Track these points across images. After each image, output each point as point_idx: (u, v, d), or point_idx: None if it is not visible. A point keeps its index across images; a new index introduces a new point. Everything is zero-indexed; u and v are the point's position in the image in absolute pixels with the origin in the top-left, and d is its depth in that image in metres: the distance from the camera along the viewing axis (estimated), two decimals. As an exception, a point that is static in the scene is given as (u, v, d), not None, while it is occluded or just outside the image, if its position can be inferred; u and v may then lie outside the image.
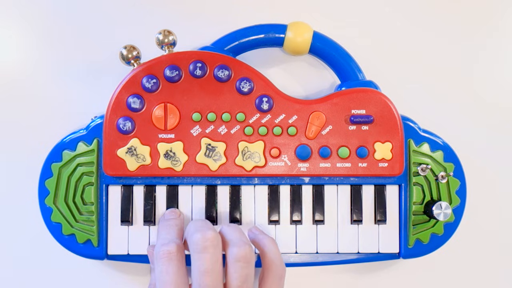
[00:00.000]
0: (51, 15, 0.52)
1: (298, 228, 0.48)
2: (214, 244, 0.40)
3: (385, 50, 0.54)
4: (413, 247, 0.48)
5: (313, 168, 0.47)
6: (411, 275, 0.53)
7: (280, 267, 0.44)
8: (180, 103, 0.46)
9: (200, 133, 0.46)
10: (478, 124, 0.54)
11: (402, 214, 0.48)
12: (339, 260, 0.48)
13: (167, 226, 0.45)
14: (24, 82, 0.52)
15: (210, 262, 0.40)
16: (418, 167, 0.48)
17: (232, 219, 0.47)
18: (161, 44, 0.45)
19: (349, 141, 0.47)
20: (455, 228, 0.49)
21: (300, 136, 0.47)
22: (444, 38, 0.54)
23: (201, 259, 0.40)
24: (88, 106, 0.51)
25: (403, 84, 0.53)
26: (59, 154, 0.47)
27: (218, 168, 0.46)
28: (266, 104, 0.46)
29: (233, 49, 0.48)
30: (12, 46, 0.53)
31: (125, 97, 0.46)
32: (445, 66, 0.54)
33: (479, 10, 0.54)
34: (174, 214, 0.47)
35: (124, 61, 0.45)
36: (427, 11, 0.54)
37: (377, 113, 0.47)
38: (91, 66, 0.52)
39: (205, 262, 0.40)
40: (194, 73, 0.46)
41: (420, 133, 0.48)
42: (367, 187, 0.48)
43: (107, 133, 0.45)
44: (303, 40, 0.48)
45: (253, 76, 0.46)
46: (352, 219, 0.48)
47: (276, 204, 0.48)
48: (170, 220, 0.45)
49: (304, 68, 0.53)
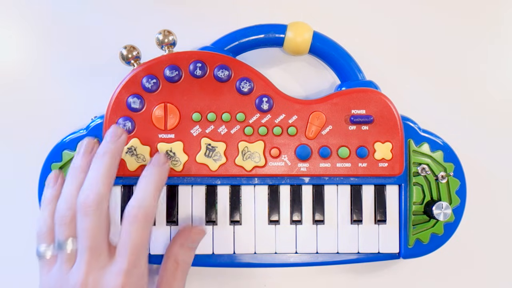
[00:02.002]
0: (51, 15, 0.52)
1: (298, 228, 0.48)
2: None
3: (385, 50, 0.54)
4: (413, 247, 0.48)
5: (313, 168, 0.47)
6: (411, 275, 0.53)
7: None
8: (180, 103, 0.46)
9: (200, 133, 0.46)
10: (478, 124, 0.54)
11: (402, 214, 0.48)
12: (339, 260, 0.48)
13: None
14: (24, 82, 0.52)
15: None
16: (418, 167, 0.48)
17: (232, 219, 0.47)
18: (161, 44, 0.45)
19: (349, 141, 0.47)
20: (455, 228, 0.49)
21: (300, 136, 0.47)
22: (444, 38, 0.54)
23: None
24: (88, 106, 0.51)
25: (403, 84, 0.54)
26: (59, 154, 0.47)
27: (218, 168, 0.46)
28: (266, 104, 0.46)
29: (233, 49, 0.48)
30: (12, 46, 0.53)
31: (125, 97, 0.46)
32: (445, 66, 0.54)
33: (479, 10, 0.54)
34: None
35: (124, 61, 0.45)
36: (427, 11, 0.54)
37: (377, 113, 0.47)
38: (91, 66, 0.52)
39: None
40: (194, 73, 0.46)
41: (420, 133, 0.48)
42: (367, 187, 0.48)
43: (107, 133, 0.45)
44: (303, 40, 0.48)
45: (253, 76, 0.46)
46: (352, 219, 0.48)
47: (276, 204, 0.48)
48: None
49: (304, 68, 0.53)
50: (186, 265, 0.45)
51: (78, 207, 0.40)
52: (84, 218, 0.40)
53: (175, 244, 0.44)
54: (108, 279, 0.39)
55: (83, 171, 0.42)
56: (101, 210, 0.40)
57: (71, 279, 0.40)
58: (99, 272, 0.40)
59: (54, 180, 0.45)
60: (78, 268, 0.40)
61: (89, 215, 0.40)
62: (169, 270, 0.44)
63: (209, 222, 0.47)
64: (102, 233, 0.40)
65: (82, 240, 0.40)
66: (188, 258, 0.45)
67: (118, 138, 0.43)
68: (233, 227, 0.48)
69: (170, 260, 0.44)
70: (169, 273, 0.44)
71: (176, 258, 0.44)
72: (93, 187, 0.40)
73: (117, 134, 0.43)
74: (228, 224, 0.48)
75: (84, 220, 0.40)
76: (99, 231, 0.40)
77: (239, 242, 0.48)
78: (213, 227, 0.48)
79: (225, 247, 0.47)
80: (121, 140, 0.43)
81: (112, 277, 0.39)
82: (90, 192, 0.40)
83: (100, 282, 0.39)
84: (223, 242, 0.47)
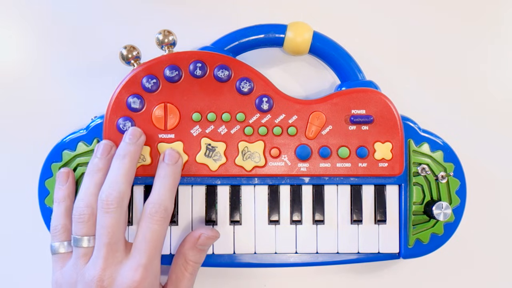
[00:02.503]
0: (51, 15, 0.52)
1: (298, 228, 0.48)
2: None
3: (385, 50, 0.54)
4: (413, 247, 0.48)
5: (313, 168, 0.47)
6: (411, 275, 0.53)
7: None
8: (180, 103, 0.46)
9: (200, 133, 0.46)
10: (478, 124, 0.54)
11: (402, 214, 0.48)
12: (339, 260, 0.48)
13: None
14: (24, 82, 0.52)
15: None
16: (418, 167, 0.48)
17: (232, 219, 0.47)
18: (161, 44, 0.45)
19: (349, 141, 0.47)
20: (455, 228, 0.49)
21: (300, 136, 0.47)
22: (444, 38, 0.54)
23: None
24: (88, 106, 0.51)
25: (403, 84, 0.53)
26: (59, 154, 0.47)
27: (218, 168, 0.46)
28: (266, 104, 0.46)
29: (233, 49, 0.48)
30: (12, 46, 0.53)
31: (125, 97, 0.46)
32: (445, 66, 0.54)
33: (479, 10, 0.54)
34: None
35: (124, 61, 0.45)
36: (427, 10, 0.54)
37: (377, 113, 0.47)
38: (91, 66, 0.52)
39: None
40: (194, 73, 0.46)
41: (420, 133, 0.48)
42: (367, 187, 0.48)
43: (107, 133, 0.45)
44: (303, 40, 0.48)
45: (253, 76, 0.46)
46: (352, 219, 0.48)
47: (276, 204, 0.48)
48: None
49: (304, 68, 0.53)
50: (196, 265, 0.45)
51: (99, 204, 0.41)
52: (105, 215, 0.41)
53: (186, 244, 0.45)
54: (125, 274, 0.40)
55: (100, 171, 0.44)
56: (122, 208, 0.41)
57: (87, 274, 0.40)
58: (115, 267, 0.40)
59: (65, 178, 0.46)
60: (95, 263, 0.41)
61: (111, 212, 0.41)
62: (179, 269, 0.44)
63: (209, 222, 0.47)
64: (121, 230, 0.42)
65: (102, 237, 0.41)
66: (198, 259, 0.45)
67: (137, 140, 0.44)
68: (233, 227, 0.48)
69: (180, 259, 0.45)
70: (179, 271, 0.44)
71: (186, 258, 0.44)
72: (115, 186, 0.41)
73: (136, 135, 0.44)
74: (228, 224, 0.48)
75: (105, 217, 0.41)
76: (118, 228, 0.41)
77: (239, 242, 0.48)
78: (213, 227, 0.48)
79: (225, 247, 0.48)
80: (140, 141, 0.45)
81: (129, 271, 0.40)
82: (112, 191, 0.41)
83: (117, 276, 0.40)
84: (223, 242, 0.47)
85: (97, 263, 0.40)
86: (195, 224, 0.48)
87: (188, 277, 0.44)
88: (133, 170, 0.43)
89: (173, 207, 0.43)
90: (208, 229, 0.45)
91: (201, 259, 0.45)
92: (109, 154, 0.44)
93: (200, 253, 0.45)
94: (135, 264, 0.40)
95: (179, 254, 0.45)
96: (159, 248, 0.42)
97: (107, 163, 0.44)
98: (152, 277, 0.41)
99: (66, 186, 0.45)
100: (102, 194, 0.41)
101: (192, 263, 0.44)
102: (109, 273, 0.40)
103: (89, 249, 0.42)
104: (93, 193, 0.43)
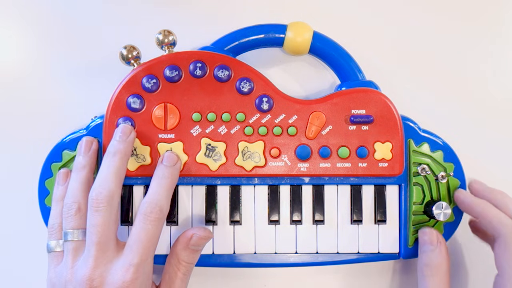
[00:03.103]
0: (51, 15, 0.52)
1: (298, 228, 0.48)
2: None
3: (385, 50, 0.54)
4: (413, 247, 0.48)
5: (313, 168, 0.47)
6: (411, 275, 0.53)
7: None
8: (180, 103, 0.46)
9: (200, 133, 0.46)
10: (478, 124, 0.54)
11: (402, 214, 0.48)
12: (339, 260, 0.48)
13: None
14: (24, 82, 0.52)
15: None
16: (418, 167, 0.48)
17: (232, 219, 0.47)
18: (161, 44, 0.45)
19: (349, 141, 0.47)
20: (455, 228, 0.49)
21: (300, 136, 0.47)
22: (444, 38, 0.54)
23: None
24: (88, 106, 0.51)
25: (403, 84, 0.53)
26: (59, 154, 0.47)
27: (218, 168, 0.46)
28: (266, 104, 0.46)
29: (233, 49, 0.48)
30: (12, 46, 0.53)
31: (125, 97, 0.46)
32: (445, 66, 0.54)
33: (480, 10, 0.54)
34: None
35: (124, 61, 0.45)
36: (427, 10, 0.54)
37: (377, 113, 0.47)
38: (91, 66, 0.52)
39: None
40: (194, 73, 0.46)
41: (420, 133, 0.48)
42: (367, 187, 0.48)
43: (107, 133, 0.45)
44: (303, 40, 0.48)
45: (253, 76, 0.46)
46: (352, 219, 0.48)
47: (276, 204, 0.48)
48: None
49: (304, 68, 0.53)
50: (189, 266, 0.45)
51: (89, 203, 0.41)
52: (95, 214, 0.41)
53: (179, 244, 0.45)
54: (116, 273, 0.40)
55: (84, 168, 0.44)
56: (112, 206, 0.41)
57: (78, 273, 0.40)
58: (105, 266, 0.40)
59: (63, 178, 0.46)
60: (85, 262, 0.40)
61: (100, 211, 0.41)
62: (172, 269, 0.44)
63: (209, 222, 0.47)
64: (111, 229, 0.41)
65: (92, 236, 0.41)
66: (191, 260, 0.45)
67: (127, 138, 0.44)
68: (233, 227, 0.48)
69: (173, 259, 0.44)
70: (172, 272, 0.44)
71: (179, 259, 0.44)
72: (105, 184, 0.41)
73: (126, 133, 0.44)
74: (228, 224, 0.48)
75: (95, 215, 0.41)
76: (109, 227, 0.41)
77: (239, 242, 0.48)
78: (213, 227, 0.48)
79: (225, 247, 0.48)
80: (130, 139, 0.44)
81: (120, 271, 0.40)
82: (102, 189, 0.41)
83: (107, 276, 0.40)
84: (223, 242, 0.47)
85: (88, 262, 0.40)
86: (195, 224, 0.48)
87: (181, 277, 0.44)
88: (123, 168, 0.43)
89: (169, 208, 0.43)
90: (201, 229, 0.45)
91: (194, 260, 0.45)
92: (91, 150, 0.45)
93: (193, 253, 0.45)
94: (127, 264, 0.40)
95: (172, 254, 0.45)
96: (153, 248, 0.41)
97: (90, 159, 0.45)
98: (143, 277, 0.41)
99: (64, 186, 0.45)
100: (92, 192, 0.41)
101: (184, 263, 0.44)
102: (99, 272, 0.40)
103: (77, 243, 0.42)
104: (80, 189, 0.43)
